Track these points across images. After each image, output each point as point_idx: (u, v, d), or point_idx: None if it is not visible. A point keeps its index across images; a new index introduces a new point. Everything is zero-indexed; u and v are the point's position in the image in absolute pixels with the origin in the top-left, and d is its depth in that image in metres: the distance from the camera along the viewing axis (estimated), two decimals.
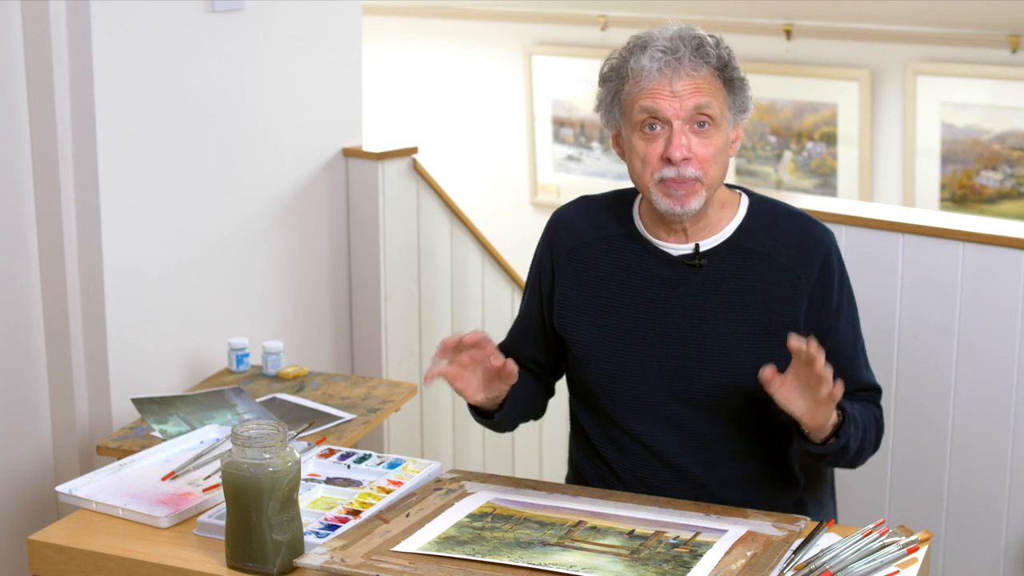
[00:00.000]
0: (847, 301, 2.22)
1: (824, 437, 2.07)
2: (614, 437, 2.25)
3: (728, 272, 2.18)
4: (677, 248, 2.19)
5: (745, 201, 2.23)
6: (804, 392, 1.99)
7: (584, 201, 2.33)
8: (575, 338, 2.25)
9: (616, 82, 2.15)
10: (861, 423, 2.13)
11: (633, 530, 1.97)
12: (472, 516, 2.02)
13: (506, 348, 2.37)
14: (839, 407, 2.06)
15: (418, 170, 4.01)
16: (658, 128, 2.10)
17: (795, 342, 1.95)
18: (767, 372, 1.98)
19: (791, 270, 2.17)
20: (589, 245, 2.26)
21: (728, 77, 2.13)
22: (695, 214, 2.14)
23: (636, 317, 2.20)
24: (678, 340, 2.18)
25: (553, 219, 2.33)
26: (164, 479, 2.20)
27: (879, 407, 2.26)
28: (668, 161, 2.09)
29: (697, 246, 2.19)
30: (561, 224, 2.31)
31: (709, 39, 2.13)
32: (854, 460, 2.17)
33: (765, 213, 2.22)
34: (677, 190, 2.11)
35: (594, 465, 2.29)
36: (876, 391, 2.27)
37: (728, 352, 2.16)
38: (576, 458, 2.36)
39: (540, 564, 1.83)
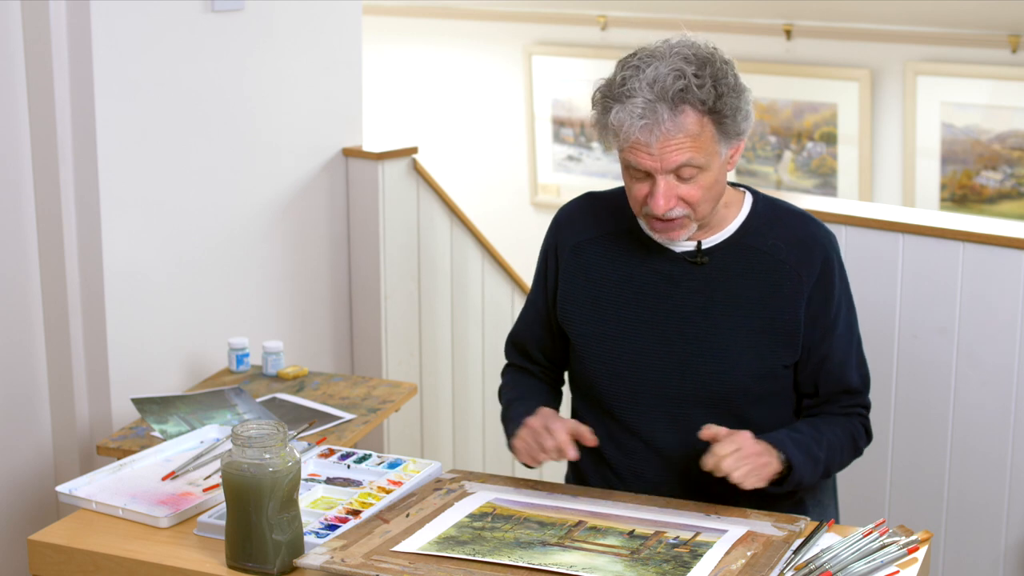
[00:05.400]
0: (845, 303, 2.23)
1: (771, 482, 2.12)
2: (613, 433, 2.25)
3: (730, 270, 2.18)
4: (680, 245, 2.20)
5: (749, 200, 2.24)
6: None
7: (589, 197, 2.34)
8: (576, 331, 2.25)
9: (604, 114, 2.08)
10: (823, 456, 2.16)
11: (633, 530, 1.97)
12: (472, 516, 2.02)
13: (517, 335, 2.39)
14: (783, 450, 2.10)
15: (418, 170, 4.01)
16: (642, 174, 2.09)
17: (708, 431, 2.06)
18: (707, 432, 2.07)
19: (792, 269, 2.17)
20: (593, 241, 2.26)
21: (718, 114, 2.04)
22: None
23: (637, 313, 2.21)
24: (679, 337, 2.18)
25: (558, 215, 2.33)
26: (164, 479, 2.20)
27: (861, 414, 2.26)
28: None
29: (699, 244, 2.19)
30: (566, 220, 2.31)
31: (695, 79, 2.01)
32: (823, 478, 2.24)
33: (768, 212, 2.22)
34: (664, 228, 2.12)
35: (593, 462, 2.29)
36: (860, 394, 2.26)
37: (728, 349, 2.16)
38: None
39: (540, 564, 1.83)
